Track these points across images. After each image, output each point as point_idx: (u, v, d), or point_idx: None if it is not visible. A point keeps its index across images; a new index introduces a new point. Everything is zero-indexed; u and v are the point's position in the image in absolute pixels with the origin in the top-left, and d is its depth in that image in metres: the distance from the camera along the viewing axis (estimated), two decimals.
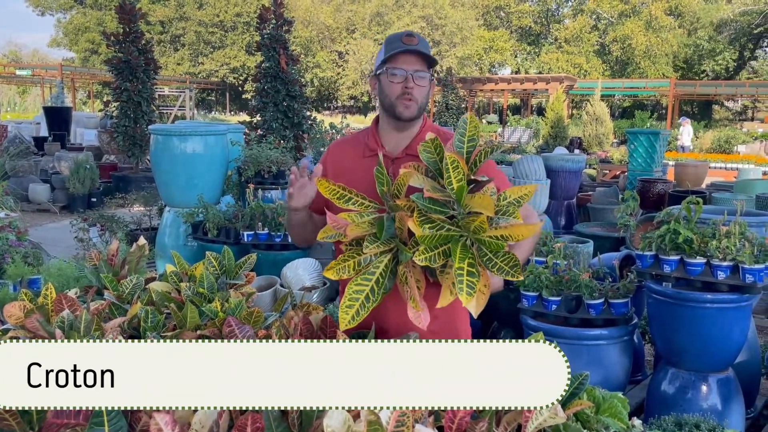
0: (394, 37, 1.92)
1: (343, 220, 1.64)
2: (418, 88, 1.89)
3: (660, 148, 7.27)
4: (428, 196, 1.56)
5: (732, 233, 2.81)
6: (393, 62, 1.89)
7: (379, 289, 1.61)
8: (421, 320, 1.61)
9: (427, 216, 1.55)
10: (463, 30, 35.73)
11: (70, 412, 1.25)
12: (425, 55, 1.88)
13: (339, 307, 2.15)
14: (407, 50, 1.86)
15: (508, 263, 1.53)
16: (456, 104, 19.75)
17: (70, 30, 39.56)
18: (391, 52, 1.88)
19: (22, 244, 4.25)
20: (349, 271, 1.65)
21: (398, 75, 1.88)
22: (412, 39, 1.89)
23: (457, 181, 1.55)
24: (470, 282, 1.49)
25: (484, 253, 1.55)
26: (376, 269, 1.62)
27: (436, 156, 1.64)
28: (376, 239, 1.59)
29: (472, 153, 1.64)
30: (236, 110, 39.38)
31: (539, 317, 3.26)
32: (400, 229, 1.60)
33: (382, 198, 1.69)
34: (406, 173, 1.63)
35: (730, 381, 3.01)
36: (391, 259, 1.63)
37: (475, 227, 1.52)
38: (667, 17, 33.73)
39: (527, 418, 1.35)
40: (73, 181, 9.71)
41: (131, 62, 10.08)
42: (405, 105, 1.89)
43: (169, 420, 1.21)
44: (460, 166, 1.55)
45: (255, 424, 1.24)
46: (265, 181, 5.27)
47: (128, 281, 2.25)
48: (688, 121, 20.05)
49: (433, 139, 1.65)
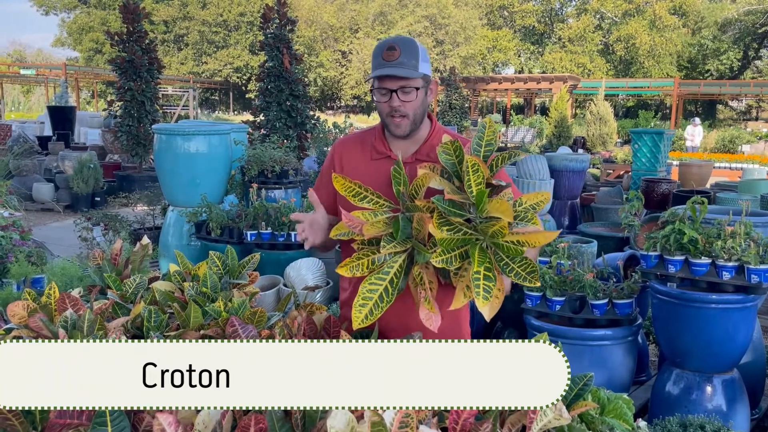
0: (378, 50, 1.83)
1: (358, 219, 1.63)
2: (405, 103, 1.83)
3: (664, 148, 7.26)
4: (449, 198, 1.55)
5: (737, 233, 2.79)
6: (377, 80, 1.84)
7: (393, 289, 1.59)
8: (432, 322, 1.60)
9: (446, 218, 1.54)
10: (467, 29, 35.71)
11: (73, 412, 1.24)
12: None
13: (342, 308, 2.14)
14: (381, 75, 1.80)
15: (526, 269, 1.52)
16: (459, 104, 19.74)
17: (74, 29, 39.64)
18: (373, 72, 1.83)
19: (25, 243, 4.26)
20: (363, 269, 1.63)
21: (383, 94, 1.83)
22: (392, 54, 1.79)
23: (476, 185, 1.53)
24: (487, 286, 1.49)
25: (500, 257, 1.54)
26: (391, 269, 1.61)
27: (455, 158, 1.62)
28: (392, 239, 1.58)
29: (489, 157, 1.64)
30: (239, 110, 39.44)
31: (543, 317, 3.25)
32: (417, 230, 1.59)
33: (397, 198, 1.67)
34: (426, 175, 1.62)
35: (734, 382, 3.00)
36: (405, 259, 1.62)
37: (494, 232, 1.51)
38: (672, 16, 33.67)
39: (531, 420, 1.35)
40: (77, 180, 9.73)
41: (135, 62, 10.09)
42: (396, 124, 1.86)
43: (173, 420, 1.20)
44: (481, 170, 1.54)
45: (258, 424, 1.23)
46: (268, 180, 5.27)
47: (131, 281, 2.25)
48: (699, 121, 19.96)
49: (454, 141, 1.64)
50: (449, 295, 1.63)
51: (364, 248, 1.67)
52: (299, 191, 5.55)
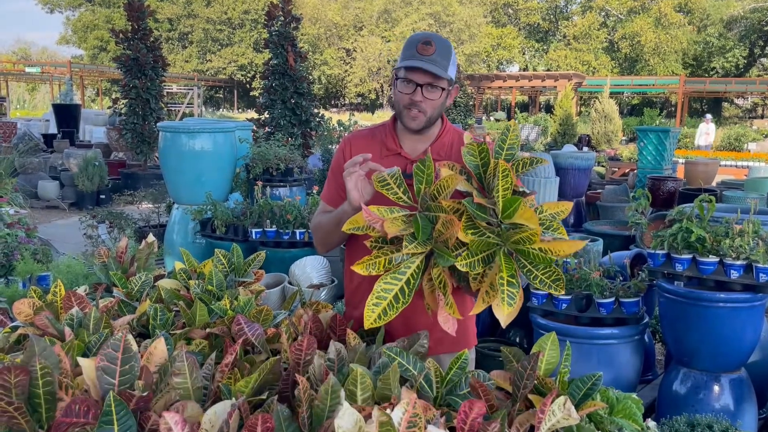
0: (413, 41, 1.82)
1: (377, 215, 1.58)
2: (427, 100, 1.81)
3: (670, 146, 7.22)
4: (477, 202, 1.52)
5: (745, 232, 2.78)
6: (406, 70, 1.81)
7: (410, 290, 1.55)
8: (450, 325, 1.58)
9: (473, 222, 1.52)
10: (471, 27, 35.65)
11: (80, 411, 1.24)
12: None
13: (347, 306, 2.12)
14: (414, 66, 1.77)
15: (550, 276, 1.49)
16: (464, 102, 19.69)
17: (79, 27, 39.75)
18: (404, 62, 1.80)
19: (31, 241, 4.27)
20: (379, 268, 1.58)
21: (408, 86, 1.81)
22: (428, 48, 1.77)
23: (504, 189, 1.50)
24: (510, 292, 1.46)
25: (523, 264, 1.51)
26: (408, 269, 1.56)
27: (479, 160, 1.60)
28: (414, 239, 1.54)
29: (509, 161, 1.61)
30: (244, 107, 39.47)
31: (549, 316, 3.23)
32: (440, 232, 1.54)
33: (416, 196, 1.63)
34: (451, 176, 1.58)
35: (742, 381, 2.98)
36: (422, 260, 1.58)
37: (521, 238, 1.48)
38: (677, 14, 33.54)
39: (540, 419, 1.34)
40: (82, 178, 9.75)
41: (140, 60, 10.10)
42: (411, 117, 1.84)
43: (179, 419, 1.20)
44: (510, 176, 1.50)
45: (265, 423, 1.22)
46: (273, 178, 5.26)
47: (137, 279, 2.25)
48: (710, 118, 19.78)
49: (479, 143, 1.61)
50: (458, 298, 1.61)
51: (381, 246, 1.61)
52: (304, 189, 5.55)
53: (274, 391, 1.49)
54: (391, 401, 1.37)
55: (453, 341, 1.89)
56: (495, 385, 1.56)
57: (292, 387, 1.47)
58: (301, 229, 4.46)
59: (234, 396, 1.39)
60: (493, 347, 3.55)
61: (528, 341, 3.79)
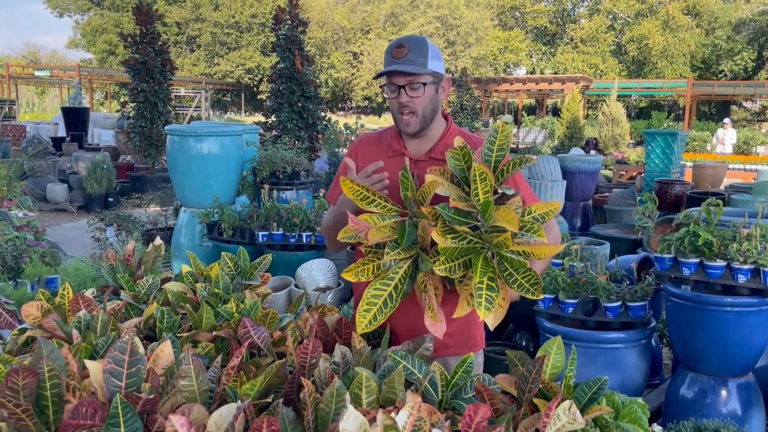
0: (388, 49, 1.89)
1: (364, 223, 1.62)
2: (413, 99, 1.86)
3: (677, 149, 7.19)
4: (454, 206, 1.54)
5: (753, 236, 2.76)
6: (387, 77, 1.87)
7: (397, 294, 1.59)
8: (437, 329, 1.60)
9: (450, 227, 1.53)
10: (478, 30, 35.64)
11: (87, 413, 1.25)
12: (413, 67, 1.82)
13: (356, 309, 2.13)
14: (389, 71, 1.83)
15: (529, 280, 1.51)
16: (471, 105, 19.67)
17: (87, 31, 39.98)
18: (383, 69, 1.87)
19: (39, 243, 4.29)
20: (368, 275, 1.63)
21: (392, 91, 1.88)
22: (401, 51, 1.84)
23: (483, 193, 1.52)
24: (489, 296, 1.47)
25: (504, 267, 1.53)
26: (396, 274, 1.60)
27: (464, 164, 1.61)
28: (397, 245, 1.57)
29: (500, 162, 1.62)
30: (251, 111, 39.60)
31: (555, 320, 3.23)
32: (422, 237, 1.59)
33: (405, 203, 1.67)
34: (433, 182, 1.60)
35: (750, 386, 2.96)
36: (410, 265, 1.61)
37: (498, 242, 1.50)
38: (685, 17, 33.42)
39: (545, 424, 1.33)
40: (90, 181, 9.80)
41: (148, 63, 10.15)
42: (405, 122, 1.89)
43: (185, 422, 1.20)
44: (488, 179, 1.53)
45: (271, 426, 1.23)
46: (279, 181, 5.28)
47: (144, 281, 2.26)
48: (729, 122, 19.23)
49: (463, 146, 1.63)
50: (456, 300, 1.62)
51: (370, 253, 1.66)
52: (310, 192, 5.56)
53: (279, 394, 1.50)
54: (395, 405, 1.38)
55: (460, 344, 1.90)
56: (500, 389, 1.56)
57: (297, 390, 1.47)
58: (308, 232, 4.47)
59: (240, 399, 1.39)
60: (499, 351, 3.55)
61: (535, 345, 3.78)
